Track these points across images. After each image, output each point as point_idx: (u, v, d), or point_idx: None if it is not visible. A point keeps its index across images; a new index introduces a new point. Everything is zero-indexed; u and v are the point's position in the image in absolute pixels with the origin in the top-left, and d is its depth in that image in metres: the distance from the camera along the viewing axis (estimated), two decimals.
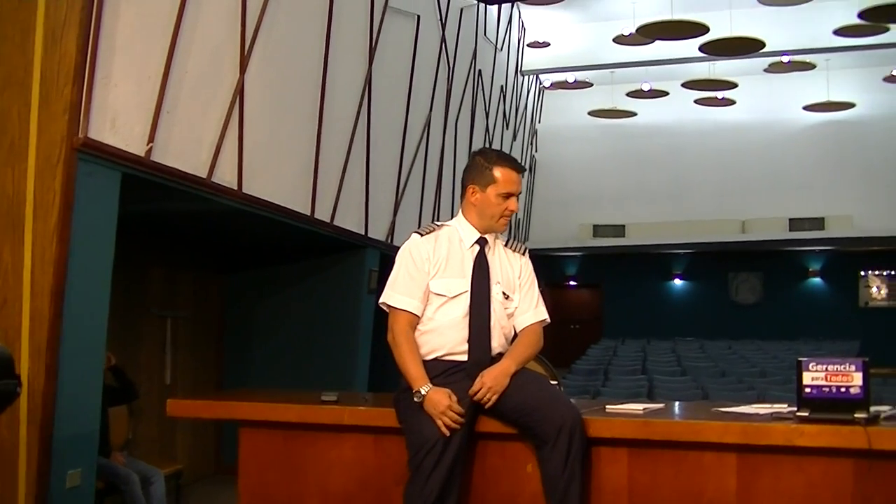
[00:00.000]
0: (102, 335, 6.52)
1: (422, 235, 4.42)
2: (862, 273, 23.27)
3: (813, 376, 3.82)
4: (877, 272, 23.13)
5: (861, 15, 14.75)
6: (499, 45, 17.21)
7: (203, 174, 7.45)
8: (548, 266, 24.26)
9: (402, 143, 12.22)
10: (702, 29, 15.38)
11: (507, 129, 18.87)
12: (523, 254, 4.55)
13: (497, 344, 4.30)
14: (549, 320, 4.47)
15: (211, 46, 7.49)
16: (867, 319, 22.15)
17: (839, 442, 3.71)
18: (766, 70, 19.82)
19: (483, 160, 4.40)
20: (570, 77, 21.21)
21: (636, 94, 20.79)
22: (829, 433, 3.73)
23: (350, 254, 11.16)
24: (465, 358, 4.25)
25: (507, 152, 4.59)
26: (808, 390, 3.83)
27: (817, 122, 21.77)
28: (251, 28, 8.01)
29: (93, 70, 6.00)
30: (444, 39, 13.70)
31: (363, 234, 10.94)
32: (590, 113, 21.50)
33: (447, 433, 4.02)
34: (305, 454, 4.63)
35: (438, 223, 4.53)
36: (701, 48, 16.20)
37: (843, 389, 3.76)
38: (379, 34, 10.86)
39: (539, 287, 4.52)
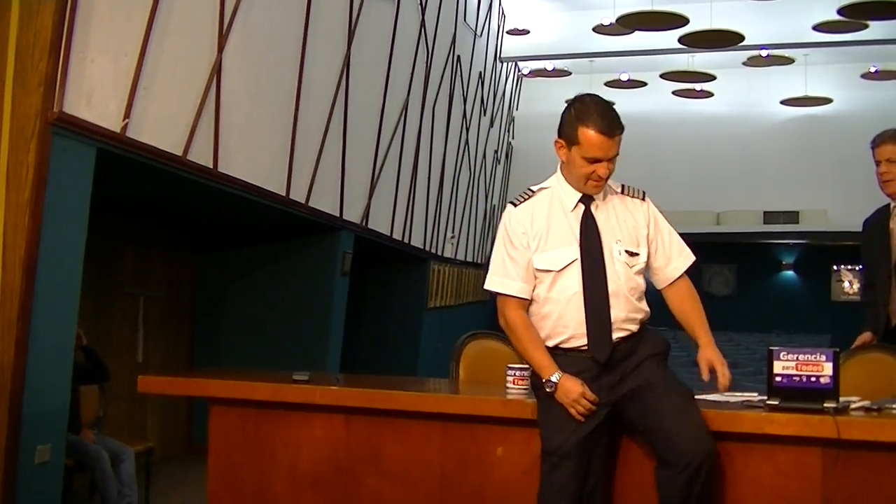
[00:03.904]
0: (74, 311, 6.49)
1: (516, 205, 4.02)
2: (834, 267, 23.42)
3: (784, 365, 3.84)
4: (849, 267, 23.26)
5: (841, 11, 14.79)
6: (478, 32, 17.19)
7: (179, 152, 7.42)
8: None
9: (379, 126, 12.19)
10: (682, 20, 15.38)
11: (485, 115, 18.85)
12: (643, 199, 4.09)
13: (621, 312, 3.89)
14: (694, 258, 4.11)
15: (189, 25, 7.45)
16: (838, 313, 22.28)
17: (808, 431, 3.73)
18: (744, 63, 19.84)
19: (572, 113, 3.93)
20: (549, 65, 21.20)
21: (615, 83, 20.77)
22: (799, 422, 3.75)
23: (325, 236, 11.13)
24: (585, 342, 3.89)
25: (592, 104, 3.94)
26: (778, 379, 3.85)
27: (794, 117, 21.84)
28: (230, 8, 7.98)
29: (69, 45, 5.97)
30: (423, 24, 13.67)
31: (338, 216, 10.91)
32: (567, 102, 21.41)
33: (582, 420, 3.77)
34: (276, 433, 4.63)
35: (534, 188, 4.07)
36: (680, 40, 16.20)
37: (813, 379, 3.78)
38: (359, 17, 10.82)
39: None
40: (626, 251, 3.94)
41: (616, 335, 3.89)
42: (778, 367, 3.85)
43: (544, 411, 3.91)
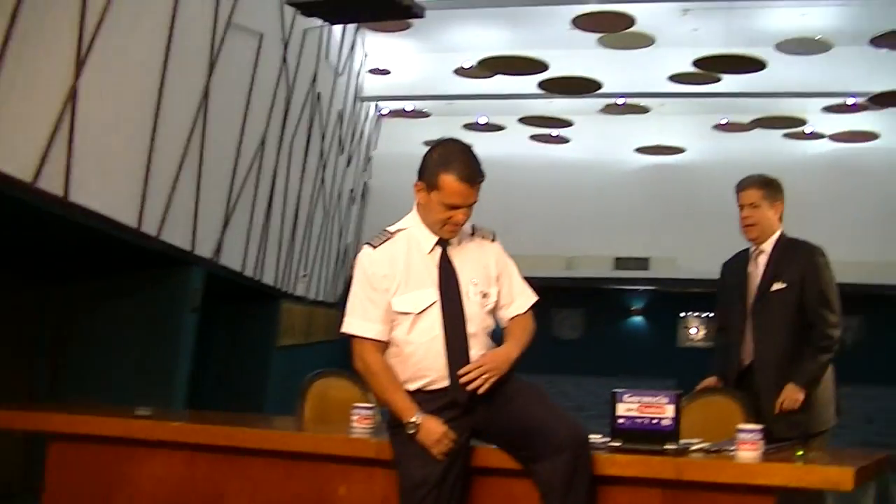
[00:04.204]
0: None
1: (374, 247, 3.95)
2: (682, 314, 23.90)
3: (627, 407, 3.90)
4: (696, 314, 23.75)
5: (695, 63, 15.26)
6: (339, 70, 17.22)
7: (28, 178, 7.24)
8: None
9: (236, 160, 12.10)
10: (541, 66, 15.64)
11: (343, 154, 18.85)
12: (493, 239, 4.10)
13: (479, 351, 3.89)
14: (536, 298, 4.10)
15: (46, 47, 7.31)
16: (685, 359, 22.69)
17: (649, 472, 3.79)
18: (601, 110, 20.23)
19: (435, 158, 3.88)
20: (409, 106, 21.32)
21: (473, 126, 20.97)
22: (640, 463, 3.80)
23: (175, 270, 10.96)
24: (446, 383, 3.86)
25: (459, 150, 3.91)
26: (621, 421, 3.91)
27: (647, 165, 22.30)
28: (89, 34, 7.85)
29: None
30: (285, 59, 13.64)
31: (190, 250, 10.77)
32: (425, 143, 21.58)
33: (443, 460, 3.75)
34: (117, 470, 4.51)
35: (391, 229, 4.00)
36: (540, 85, 16.48)
37: (655, 421, 3.84)
38: (220, 49, 10.75)
39: None
40: (481, 292, 3.96)
41: None
42: (621, 409, 3.92)
43: (402, 447, 3.87)
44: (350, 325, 3.99)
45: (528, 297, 4.10)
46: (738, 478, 3.73)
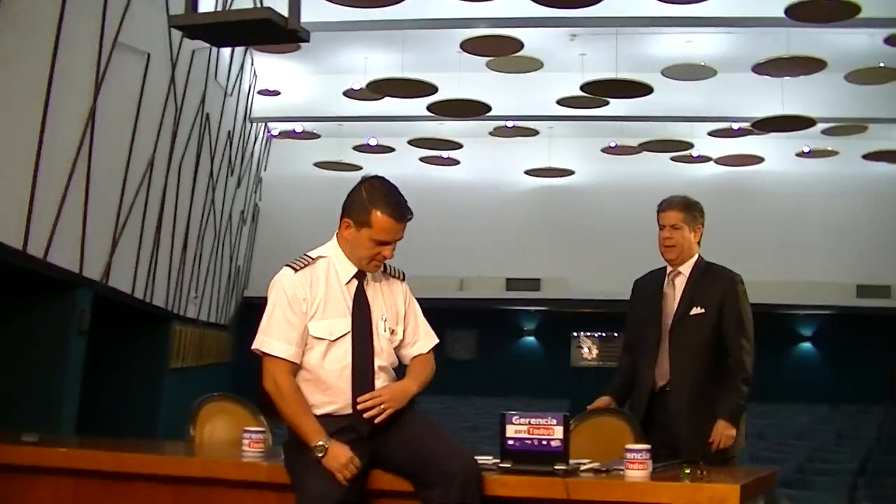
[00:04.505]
0: None
1: (295, 271, 4.03)
2: (574, 334, 24.07)
3: (516, 429, 3.96)
4: (588, 333, 23.93)
5: (583, 88, 15.47)
6: (229, 90, 17.09)
7: None
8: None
9: (124, 181, 11.94)
10: (431, 89, 15.70)
11: (232, 175, 18.69)
12: (402, 279, 4.26)
13: (381, 385, 4.02)
14: (437, 341, 4.27)
15: None
16: (578, 378, 22.86)
17: (539, 492, 3.84)
18: (490, 133, 20.31)
19: (365, 196, 4.00)
20: (299, 127, 21.22)
21: (362, 148, 20.92)
22: (530, 484, 3.86)
23: (62, 292, 10.76)
24: (350, 411, 3.96)
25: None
26: (511, 443, 3.97)
27: (538, 187, 22.48)
28: None
29: None
30: (173, 80, 13.50)
31: (78, 272, 10.59)
32: (315, 164, 21.52)
33: (346, 485, 3.77)
34: (2, 497, 4.42)
35: (312, 255, 4.10)
36: (429, 108, 16.54)
37: (544, 442, 3.91)
38: (107, 68, 10.61)
39: None
40: (390, 328, 4.11)
41: None
42: (510, 430, 3.97)
43: (305, 468, 3.87)
44: (266, 344, 3.99)
45: (431, 339, 4.27)
46: (627, 496, 3.80)
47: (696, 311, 5.20)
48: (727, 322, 5.19)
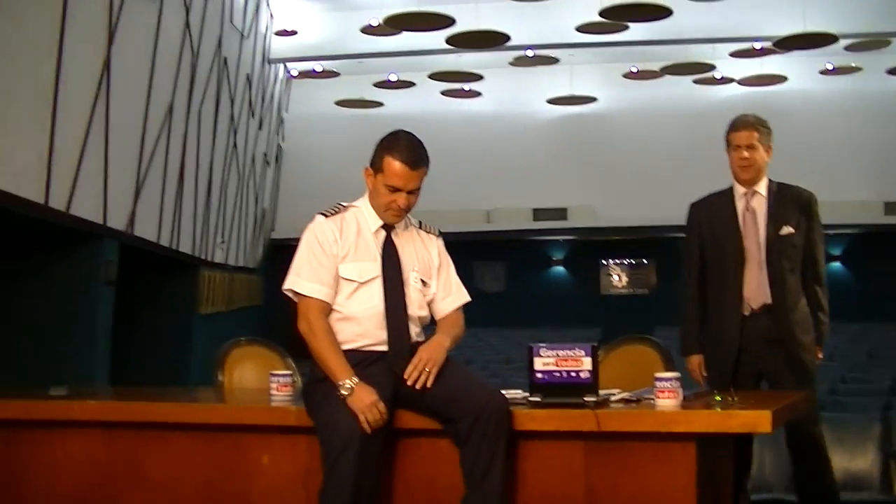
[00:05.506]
0: None
1: (326, 217, 4.15)
2: (603, 262, 24.04)
3: (544, 362, 3.92)
4: (617, 261, 23.91)
5: (602, 13, 15.27)
6: (245, 33, 16.98)
7: None
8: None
9: (144, 129, 11.89)
10: (448, 21, 15.56)
11: (254, 118, 18.63)
12: (438, 235, 4.33)
13: (415, 333, 4.10)
14: (469, 299, 4.30)
15: None
16: (608, 307, 22.88)
17: (569, 425, 3.82)
18: (511, 63, 20.19)
19: (384, 144, 4.10)
20: (318, 66, 21.13)
21: (383, 84, 20.86)
22: (559, 417, 3.84)
23: (87, 244, 10.76)
24: (383, 348, 4.03)
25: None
26: (539, 376, 3.94)
27: (561, 116, 22.36)
28: None
29: None
30: (188, 25, 13.40)
31: (102, 223, 10.58)
32: (337, 102, 21.47)
33: (368, 431, 3.77)
34: (30, 454, 4.41)
35: (344, 203, 4.23)
36: (448, 40, 16.41)
37: (573, 374, 3.88)
38: (119, 17, 10.52)
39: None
40: (422, 280, 4.17)
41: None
42: (538, 363, 3.94)
43: (324, 405, 3.90)
44: (298, 285, 4.07)
45: (463, 295, 4.30)
46: (658, 426, 3.77)
47: (786, 230, 5.10)
48: (810, 242, 5.14)
